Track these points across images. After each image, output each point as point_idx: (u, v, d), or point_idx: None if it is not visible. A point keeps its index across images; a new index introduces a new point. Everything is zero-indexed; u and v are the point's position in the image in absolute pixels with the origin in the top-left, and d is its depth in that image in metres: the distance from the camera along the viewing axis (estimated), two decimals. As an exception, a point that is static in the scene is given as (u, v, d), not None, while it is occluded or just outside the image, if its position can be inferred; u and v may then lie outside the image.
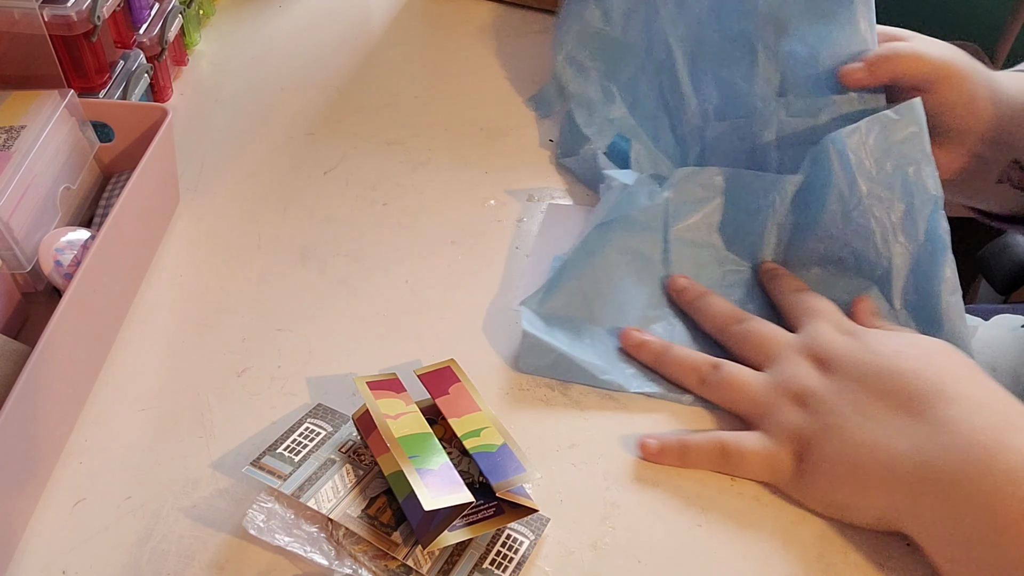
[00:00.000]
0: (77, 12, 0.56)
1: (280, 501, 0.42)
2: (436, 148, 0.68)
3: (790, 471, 0.45)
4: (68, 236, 0.52)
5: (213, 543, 0.43)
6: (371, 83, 0.74)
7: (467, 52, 0.79)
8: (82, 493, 0.45)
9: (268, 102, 0.72)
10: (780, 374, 0.48)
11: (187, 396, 0.49)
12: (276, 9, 0.84)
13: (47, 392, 0.44)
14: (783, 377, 0.47)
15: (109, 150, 0.60)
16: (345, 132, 0.69)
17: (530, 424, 0.49)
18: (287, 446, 0.44)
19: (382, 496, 0.43)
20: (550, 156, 0.67)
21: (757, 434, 0.46)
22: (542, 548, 0.43)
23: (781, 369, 0.48)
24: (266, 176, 0.65)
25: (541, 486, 0.46)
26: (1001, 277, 1.33)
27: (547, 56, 0.78)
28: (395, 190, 0.64)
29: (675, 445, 0.47)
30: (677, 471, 0.46)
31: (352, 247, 0.59)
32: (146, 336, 0.53)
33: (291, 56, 0.78)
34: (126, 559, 0.42)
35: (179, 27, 0.71)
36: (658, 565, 0.43)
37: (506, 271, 0.58)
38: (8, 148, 0.51)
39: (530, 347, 0.51)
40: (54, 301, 0.45)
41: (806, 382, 0.46)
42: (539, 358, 0.51)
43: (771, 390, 0.47)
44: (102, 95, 0.61)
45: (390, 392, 0.45)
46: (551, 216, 0.62)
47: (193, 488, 0.45)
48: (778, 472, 0.45)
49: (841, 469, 0.43)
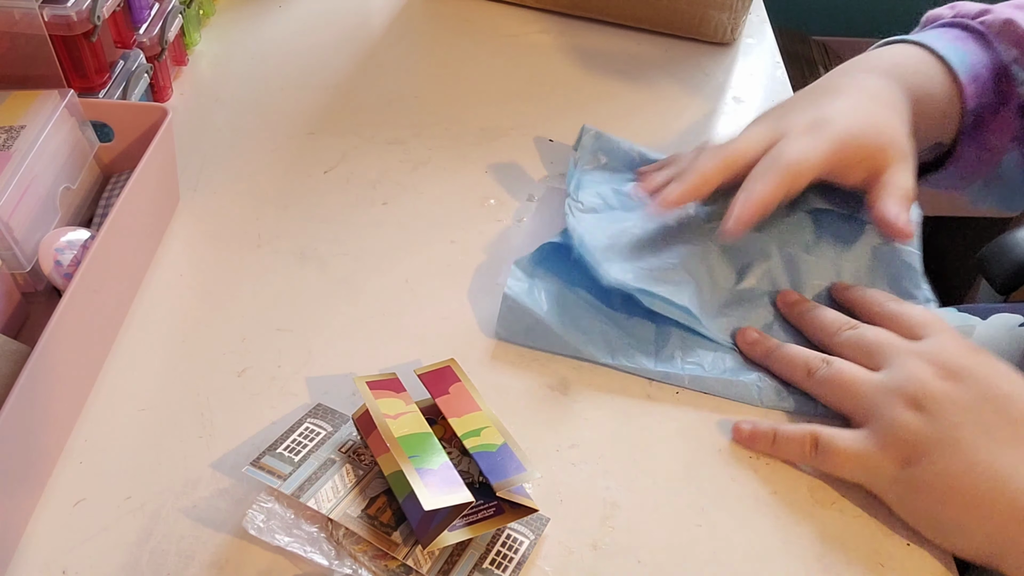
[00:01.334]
0: (77, 12, 0.56)
1: (280, 501, 0.42)
2: (436, 148, 0.68)
3: (891, 476, 0.43)
4: (68, 236, 0.52)
5: (213, 543, 0.43)
6: (371, 83, 0.74)
7: (467, 52, 0.79)
8: (82, 493, 0.45)
9: (268, 102, 0.72)
10: (897, 374, 0.45)
11: (187, 396, 0.49)
12: (276, 9, 0.84)
13: (47, 392, 0.44)
14: (900, 377, 0.45)
15: (109, 150, 0.60)
16: (345, 132, 0.69)
17: (530, 424, 0.49)
18: (287, 446, 0.44)
19: (382, 496, 0.43)
20: (550, 156, 0.67)
21: (859, 432, 0.44)
22: (542, 548, 0.43)
23: (898, 369, 0.45)
24: (266, 176, 0.65)
25: (541, 486, 0.46)
26: (1001, 277, 1.33)
27: (547, 56, 0.78)
28: (395, 190, 0.64)
29: (767, 431, 0.46)
30: (678, 471, 0.46)
31: (352, 247, 0.59)
32: (146, 336, 0.53)
33: (291, 56, 0.78)
34: (126, 559, 0.42)
35: (179, 27, 0.71)
36: (658, 565, 0.43)
37: (506, 271, 0.58)
38: (8, 148, 0.51)
39: (507, 310, 0.51)
40: (54, 301, 0.45)
41: (928, 385, 0.44)
42: (515, 322, 0.51)
43: (884, 390, 0.45)
44: (102, 95, 0.61)
45: (390, 392, 0.45)
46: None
47: (193, 488, 0.45)
48: (875, 474, 0.43)
49: (957, 487, 0.41)
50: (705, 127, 0.72)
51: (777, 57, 0.80)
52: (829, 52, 1.73)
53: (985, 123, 0.58)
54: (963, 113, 0.57)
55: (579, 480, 0.46)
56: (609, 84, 0.75)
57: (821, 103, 0.54)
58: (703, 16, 0.79)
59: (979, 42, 0.59)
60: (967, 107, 0.57)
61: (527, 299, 0.52)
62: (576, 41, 0.80)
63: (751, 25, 0.84)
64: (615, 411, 0.49)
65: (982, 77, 0.57)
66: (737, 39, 0.81)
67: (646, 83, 0.76)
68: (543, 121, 0.71)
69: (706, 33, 0.80)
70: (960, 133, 0.58)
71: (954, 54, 0.57)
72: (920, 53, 0.58)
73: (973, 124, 0.58)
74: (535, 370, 0.52)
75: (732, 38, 0.80)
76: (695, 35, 0.80)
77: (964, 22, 0.60)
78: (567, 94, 0.74)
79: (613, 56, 0.79)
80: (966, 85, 0.57)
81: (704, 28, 0.80)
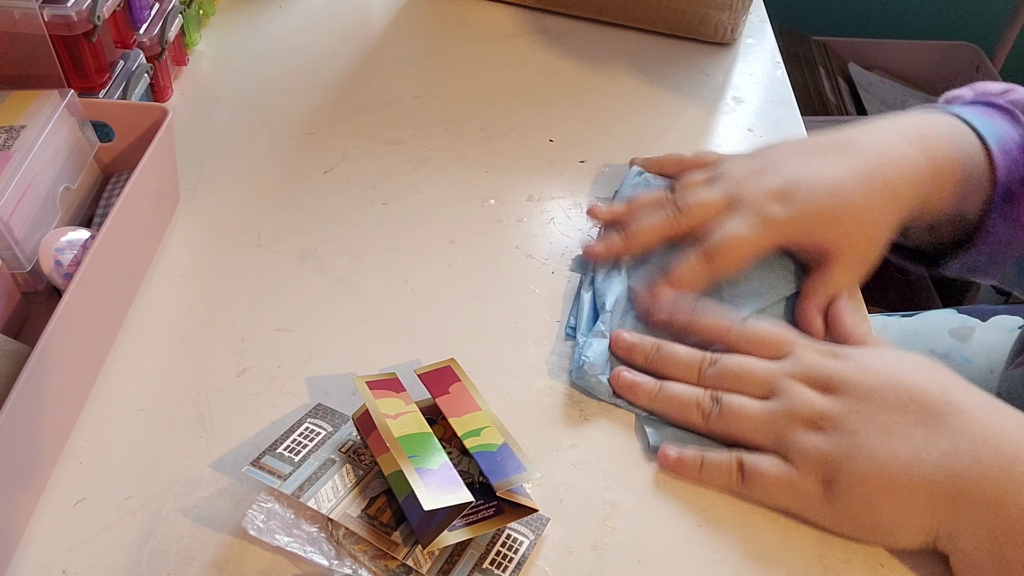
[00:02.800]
0: (77, 12, 0.56)
1: (280, 501, 0.42)
2: (436, 148, 0.68)
3: (817, 497, 0.43)
4: (68, 236, 0.52)
5: (213, 543, 0.43)
6: (371, 83, 0.74)
7: (467, 52, 0.79)
8: (82, 493, 0.45)
9: (268, 102, 0.72)
10: (784, 401, 0.46)
11: (187, 396, 0.49)
12: (276, 9, 0.84)
13: (47, 392, 0.44)
14: (789, 404, 0.45)
15: (109, 150, 0.60)
16: (345, 132, 0.69)
17: (530, 424, 0.49)
18: (287, 446, 0.44)
19: (382, 496, 0.43)
20: (550, 156, 0.67)
21: (776, 459, 0.45)
22: (542, 548, 0.43)
23: (783, 396, 0.46)
24: (266, 176, 0.65)
25: (541, 486, 0.46)
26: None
27: (547, 56, 0.78)
28: (395, 190, 0.64)
29: (694, 458, 0.46)
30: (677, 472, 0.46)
31: (352, 247, 0.59)
32: (146, 336, 0.53)
33: (291, 56, 0.78)
34: (126, 559, 0.42)
35: (179, 27, 0.71)
36: (658, 565, 0.43)
37: (506, 271, 0.58)
38: (8, 148, 0.51)
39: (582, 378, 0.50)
40: (54, 301, 0.45)
41: (816, 406, 0.45)
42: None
43: (779, 417, 0.45)
44: (102, 95, 0.61)
45: (390, 392, 0.45)
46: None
47: (193, 488, 0.45)
48: (802, 499, 0.44)
49: (879, 488, 0.42)
50: (705, 127, 0.72)
51: (777, 57, 0.80)
52: (829, 52, 1.73)
53: (1016, 197, 0.55)
54: (994, 184, 0.55)
55: (579, 480, 0.46)
56: (609, 84, 0.75)
57: (812, 163, 0.55)
58: (703, 16, 0.79)
59: (1006, 118, 0.57)
60: (999, 179, 0.55)
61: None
62: (576, 41, 0.80)
63: (751, 25, 0.84)
64: (615, 411, 0.49)
65: (1012, 150, 0.56)
66: (737, 39, 0.81)
67: (646, 83, 0.76)
68: (543, 121, 0.71)
69: (706, 33, 0.80)
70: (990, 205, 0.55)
71: (983, 125, 0.56)
72: (953, 122, 0.57)
73: (1004, 197, 0.56)
74: (536, 370, 0.52)
75: (732, 38, 0.80)
76: (695, 35, 0.80)
77: (989, 99, 0.59)
78: (567, 94, 0.74)
79: (613, 56, 0.79)
80: (997, 155, 0.55)
81: (704, 28, 0.80)
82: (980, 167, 0.55)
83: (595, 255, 0.56)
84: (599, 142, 0.69)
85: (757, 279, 0.56)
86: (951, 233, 0.59)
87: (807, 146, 0.57)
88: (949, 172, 0.55)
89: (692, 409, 0.48)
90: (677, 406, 0.48)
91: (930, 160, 0.55)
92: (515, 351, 0.52)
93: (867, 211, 0.53)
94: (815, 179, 0.54)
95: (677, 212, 0.55)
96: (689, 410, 0.48)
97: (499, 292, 0.56)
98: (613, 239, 0.56)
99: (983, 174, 0.55)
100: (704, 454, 0.46)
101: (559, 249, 0.59)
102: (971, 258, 0.58)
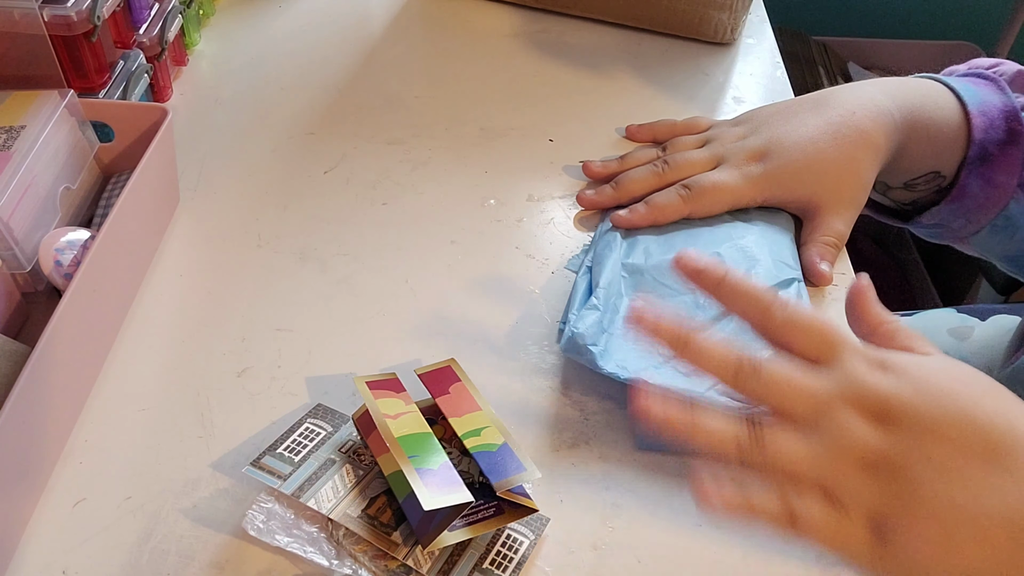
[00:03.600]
0: (77, 12, 0.56)
1: (280, 501, 0.42)
2: (436, 148, 0.68)
3: (867, 546, 0.39)
4: (68, 236, 0.52)
5: (213, 543, 0.43)
6: (371, 83, 0.74)
7: (467, 52, 0.79)
8: (82, 493, 0.45)
9: (268, 102, 0.72)
10: (834, 436, 0.40)
11: (187, 396, 0.49)
12: (276, 9, 0.84)
13: (47, 392, 0.44)
14: (839, 439, 0.40)
15: (109, 150, 0.60)
16: (345, 132, 0.69)
17: (530, 424, 0.49)
18: (287, 446, 0.44)
19: (382, 496, 0.43)
20: (550, 156, 0.67)
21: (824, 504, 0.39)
22: (542, 548, 0.43)
23: (832, 429, 0.40)
24: (266, 176, 0.65)
25: (541, 486, 0.46)
26: (1001, 277, 1.33)
27: (547, 56, 0.78)
28: (395, 190, 0.64)
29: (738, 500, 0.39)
30: (677, 472, 0.46)
31: (352, 247, 0.59)
32: (146, 336, 0.53)
33: (291, 56, 0.78)
34: (126, 559, 0.42)
35: (179, 27, 0.71)
36: (658, 565, 0.43)
37: (506, 271, 0.58)
38: (8, 148, 0.51)
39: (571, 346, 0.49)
40: (54, 301, 0.45)
41: (871, 444, 0.39)
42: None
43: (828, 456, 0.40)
44: (102, 95, 0.61)
45: (390, 392, 0.45)
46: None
47: (193, 488, 0.45)
48: (852, 548, 0.39)
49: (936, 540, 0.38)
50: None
51: (777, 57, 0.80)
52: (829, 52, 1.73)
53: (992, 158, 0.57)
54: (969, 142, 0.57)
55: (579, 480, 0.46)
56: (609, 84, 0.75)
57: (790, 122, 0.59)
58: (703, 16, 0.79)
59: (992, 86, 0.60)
60: (974, 137, 0.57)
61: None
62: (576, 41, 0.80)
63: (751, 25, 0.84)
64: (616, 411, 0.49)
65: (991, 113, 0.58)
66: (737, 39, 0.81)
67: (646, 83, 0.76)
68: (543, 121, 0.71)
69: (706, 33, 0.80)
70: (965, 164, 0.57)
71: (965, 89, 0.59)
72: (933, 83, 0.61)
73: (979, 157, 0.57)
74: (536, 370, 0.52)
75: (732, 38, 0.80)
76: (695, 35, 0.80)
77: (978, 71, 0.62)
78: (567, 94, 0.74)
79: (613, 56, 0.79)
80: (974, 115, 0.57)
81: (704, 28, 0.80)
82: (956, 124, 0.58)
83: (587, 203, 0.62)
84: (599, 142, 0.69)
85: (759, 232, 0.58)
86: (928, 192, 0.62)
87: (788, 107, 0.61)
88: (923, 123, 0.58)
89: (730, 446, 0.41)
90: (716, 443, 0.41)
91: (903, 109, 0.58)
92: (515, 351, 0.52)
93: (843, 161, 0.56)
94: (790, 136, 0.58)
95: (666, 166, 0.60)
96: (726, 447, 0.41)
97: (499, 292, 0.56)
98: (605, 189, 0.61)
99: (959, 132, 0.58)
100: (748, 497, 0.40)
101: (559, 249, 0.59)
102: (945, 215, 0.61)
